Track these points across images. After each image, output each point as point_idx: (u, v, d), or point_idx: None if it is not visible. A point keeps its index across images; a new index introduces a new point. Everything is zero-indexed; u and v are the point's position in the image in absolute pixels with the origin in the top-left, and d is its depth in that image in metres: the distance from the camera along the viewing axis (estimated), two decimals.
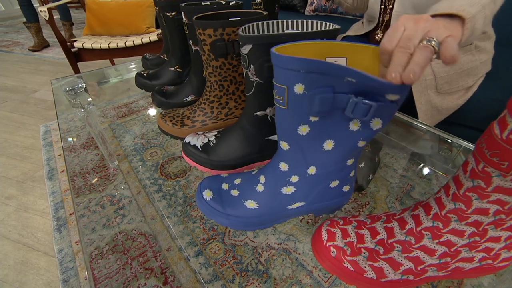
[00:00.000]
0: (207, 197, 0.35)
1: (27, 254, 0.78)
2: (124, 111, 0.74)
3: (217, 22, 0.40)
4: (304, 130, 0.27)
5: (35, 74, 1.99)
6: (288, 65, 0.23)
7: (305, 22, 0.37)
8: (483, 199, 0.22)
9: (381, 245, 0.27)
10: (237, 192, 0.36)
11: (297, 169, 0.32)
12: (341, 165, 0.31)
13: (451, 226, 0.24)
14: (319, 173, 0.32)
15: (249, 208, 0.34)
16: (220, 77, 0.47)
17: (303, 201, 0.35)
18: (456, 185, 0.23)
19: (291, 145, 0.30)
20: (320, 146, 0.29)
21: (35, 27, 2.34)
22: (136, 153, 0.57)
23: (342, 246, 0.27)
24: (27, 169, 1.09)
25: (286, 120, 0.27)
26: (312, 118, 0.26)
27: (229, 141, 0.44)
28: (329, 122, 0.26)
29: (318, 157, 0.30)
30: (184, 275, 0.35)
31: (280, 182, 0.33)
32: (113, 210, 0.44)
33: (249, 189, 0.35)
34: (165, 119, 0.53)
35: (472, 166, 0.22)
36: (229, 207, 0.35)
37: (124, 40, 1.35)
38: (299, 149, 0.30)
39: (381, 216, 0.29)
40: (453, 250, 0.24)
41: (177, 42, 0.66)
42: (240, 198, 0.35)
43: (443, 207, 0.24)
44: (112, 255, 0.38)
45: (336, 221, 0.30)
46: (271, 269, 0.35)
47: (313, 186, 0.33)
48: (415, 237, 0.25)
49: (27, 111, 1.51)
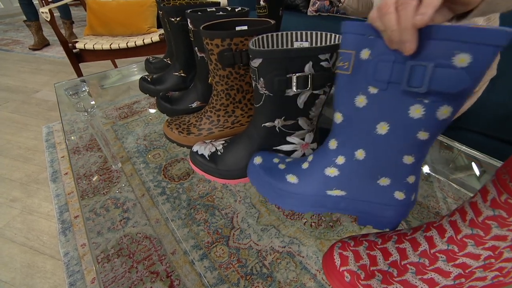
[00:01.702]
0: (256, 162, 0.37)
1: (33, 257, 0.78)
2: (126, 112, 0.74)
3: (224, 33, 0.40)
4: (361, 101, 0.26)
5: (36, 74, 1.98)
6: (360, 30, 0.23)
7: (314, 34, 0.37)
8: (503, 227, 0.21)
9: (395, 267, 0.26)
10: (283, 166, 0.37)
11: (345, 148, 0.30)
12: (395, 158, 0.28)
13: (467, 250, 0.23)
14: (368, 160, 0.29)
15: (288, 182, 0.34)
16: (227, 86, 0.47)
17: (344, 190, 0.32)
18: (474, 211, 0.23)
19: (345, 117, 0.28)
20: (373, 128, 0.27)
21: (36, 25, 2.33)
22: (139, 155, 0.57)
23: (356, 270, 0.27)
24: (31, 171, 1.09)
25: (346, 87, 0.27)
26: (371, 88, 0.25)
27: (237, 151, 0.44)
28: (387, 99, 0.24)
29: (369, 140, 0.28)
30: (190, 279, 0.36)
31: (325, 161, 0.32)
32: (117, 213, 0.45)
33: (295, 165, 0.36)
34: (171, 127, 0.53)
35: (493, 195, 0.22)
36: (273, 177, 0.35)
37: (126, 41, 1.34)
38: (351, 124, 0.28)
39: (391, 236, 0.29)
40: (468, 272, 0.24)
41: (181, 47, 0.66)
42: (284, 172, 0.36)
43: (459, 231, 0.24)
44: (118, 258, 0.38)
45: (347, 242, 0.30)
46: (276, 272, 0.36)
47: (358, 175, 0.30)
48: (429, 259, 0.25)
49: (29, 111, 1.51)
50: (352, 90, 0.26)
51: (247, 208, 0.45)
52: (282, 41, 0.38)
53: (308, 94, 0.36)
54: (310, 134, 0.43)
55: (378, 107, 0.25)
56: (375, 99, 0.25)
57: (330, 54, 0.33)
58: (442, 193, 0.48)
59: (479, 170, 0.51)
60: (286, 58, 0.32)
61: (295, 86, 0.34)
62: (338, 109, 0.29)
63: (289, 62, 0.32)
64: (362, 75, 0.25)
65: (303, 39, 0.38)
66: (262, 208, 0.46)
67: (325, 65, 0.34)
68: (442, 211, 0.44)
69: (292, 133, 0.41)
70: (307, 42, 0.38)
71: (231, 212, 0.45)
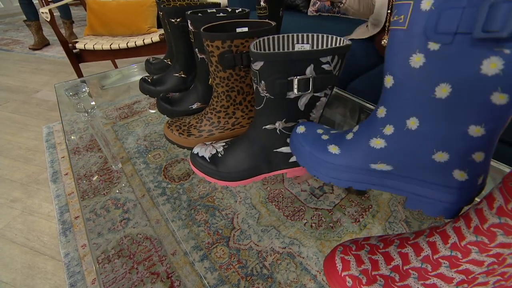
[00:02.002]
0: (299, 131, 0.35)
1: (34, 258, 0.79)
2: (127, 112, 0.74)
3: (225, 35, 0.40)
4: (418, 60, 0.22)
5: (36, 74, 1.98)
6: None
7: (315, 36, 0.37)
8: (509, 235, 0.21)
9: (397, 272, 0.26)
10: (326, 137, 0.34)
11: (395, 117, 0.26)
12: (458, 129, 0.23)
13: (470, 257, 0.23)
14: (421, 130, 0.24)
15: (329, 152, 0.31)
16: (228, 88, 0.47)
17: (390, 165, 0.28)
18: (479, 218, 0.23)
19: (396, 80, 0.24)
20: (432, 90, 0.22)
21: (36, 25, 2.33)
22: (139, 155, 0.57)
23: (357, 275, 0.27)
24: (31, 171, 1.09)
25: (400, 45, 0.23)
26: (431, 44, 0.21)
27: (237, 153, 0.44)
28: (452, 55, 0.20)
29: (425, 106, 0.23)
30: (190, 280, 0.36)
31: (371, 131, 0.28)
32: (118, 214, 0.45)
33: (339, 136, 0.33)
34: (172, 129, 0.52)
35: (500, 203, 0.21)
36: (315, 148, 0.33)
37: (126, 41, 1.34)
38: (404, 88, 0.24)
39: (393, 240, 0.29)
40: (471, 277, 0.24)
41: (181, 48, 0.65)
42: (326, 142, 0.33)
43: (463, 238, 0.23)
44: (118, 259, 0.38)
45: (348, 246, 0.30)
46: (276, 273, 0.36)
47: (408, 147, 0.26)
48: (431, 265, 0.25)
49: (29, 112, 1.51)
50: (407, 48, 0.22)
51: (248, 209, 0.45)
52: (283, 44, 0.38)
53: (309, 97, 0.36)
54: None
55: (439, 66, 0.21)
56: (435, 57, 0.21)
57: (331, 57, 0.33)
58: None
59: None
60: (287, 61, 0.32)
61: (296, 89, 0.34)
62: (388, 71, 0.25)
63: (291, 65, 0.32)
64: (420, 29, 0.21)
65: (304, 41, 0.38)
66: (262, 208, 0.46)
67: (326, 67, 0.33)
68: None
69: None
70: (308, 44, 0.38)
71: (232, 212, 0.45)
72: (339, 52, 0.33)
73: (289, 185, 0.49)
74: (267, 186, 0.49)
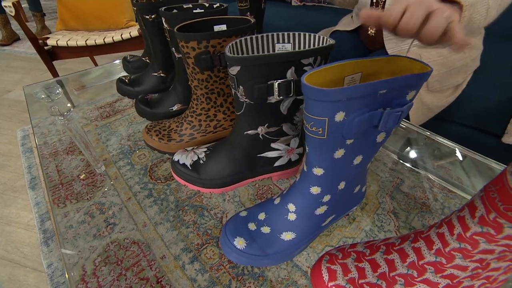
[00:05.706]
0: (241, 246, 0.33)
1: (14, 271, 0.75)
2: (108, 111, 0.70)
3: (200, 35, 0.37)
4: (339, 153, 0.28)
5: (7, 72, 1.86)
6: (331, 97, 0.23)
7: (297, 35, 0.35)
8: (491, 243, 0.22)
9: (383, 279, 0.26)
10: (268, 229, 0.34)
11: (329, 189, 0.33)
12: (364, 171, 0.34)
13: (455, 262, 0.24)
14: (348, 186, 0.33)
15: (287, 241, 0.34)
16: (207, 90, 0.44)
17: (334, 214, 0.36)
18: (462, 226, 0.23)
19: (326, 170, 0.30)
20: (351, 163, 0.30)
21: (2, 19, 2.16)
22: (123, 157, 0.55)
23: (344, 284, 0.27)
24: (7, 178, 1.04)
25: (323, 149, 0.28)
26: (348, 141, 0.27)
27: (220, 159, 0.42)
28: (362, 140, 0.28)
29: (348, 172, 0.32)
30: (181, 283, 0.35)
31: (312, 205, 0.33)
32: (103, 219, 0.43)
33: (280, 221, 0.34)
34: (151, 134, 0.50)
35: (481, 213, 0.22)
36: (267, 247, 0.33)
37: (103, 36, 1.27)
38: (333, 172, 0.31)
39: (379, 246, 0.29)
40: (456, 282, 0.24)
41: (158, 46, 0.62)
42: (274, 234, 0.34)
43: (447, 244, 0.24)
44: (105, 266, 0.37)
45: (334, 255, 0.30)
46: (267, 271, 0.36)
47: (342, 198, 0.35)
48: (417, 271, 0.25)
49: (1, 114, 1.42)
50: (329, 149, 0.28)
51: (236, 207, 0.44)
52: (262, 44, 0.35)
53: (291, 100, 0.35)
54: (295, 139, 0.41)
55: (354, 149, 0.29)
56: (351, 146, 0.28)
57: (313, 58, 0.31)
58: (429, 183, 0.48)
59: (461, 155, 0.52)
60: (266, 65, 0.30)
61: (277, 93, 0.32)
62: (317, 165, 0.30)
63: (270, 69, 0.30)
64: (338, 135, 0.26)
65: (285, 40, 0.36)
66: None
67: (308, 69, 0.32)
68: (428, 201, 0.45)
69: (276, 139, 0.40)
70: (289, 43, 0.36)
71: (220, 212, 0.44)
72: (321, 53, 0.31)
73: (278, 181, 0.48)
74: (256, 183, 0.48)
